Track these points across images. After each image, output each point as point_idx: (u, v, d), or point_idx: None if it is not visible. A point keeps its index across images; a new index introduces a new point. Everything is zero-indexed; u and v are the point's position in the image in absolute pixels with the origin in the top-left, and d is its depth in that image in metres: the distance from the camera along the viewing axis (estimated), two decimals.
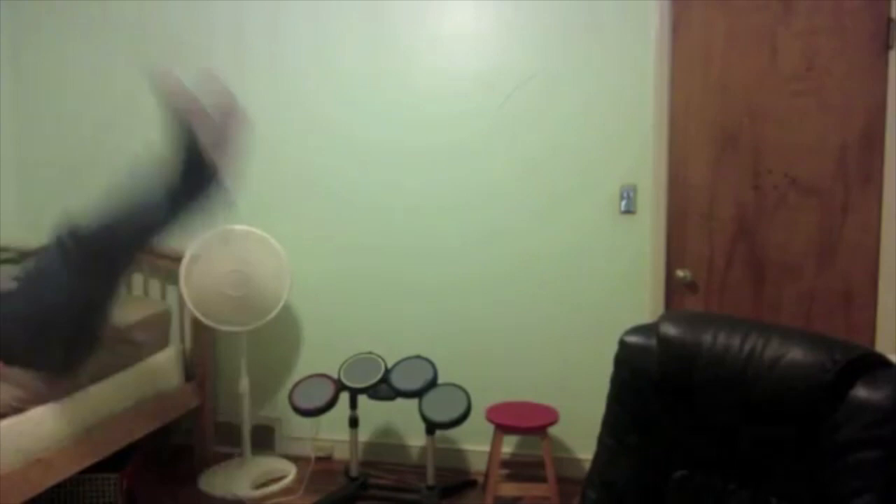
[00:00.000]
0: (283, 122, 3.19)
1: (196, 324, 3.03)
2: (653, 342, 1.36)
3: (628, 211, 2.92)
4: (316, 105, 3.17)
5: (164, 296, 3.25)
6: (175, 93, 1.35)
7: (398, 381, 2.81)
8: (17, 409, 2.19)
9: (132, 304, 2.98)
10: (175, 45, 3.21)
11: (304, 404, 2.77)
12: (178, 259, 2.86)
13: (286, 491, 2.98)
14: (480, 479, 3.03)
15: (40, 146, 3.46)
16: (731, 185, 2.79)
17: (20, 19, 3.40)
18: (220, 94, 1.44)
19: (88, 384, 2.47)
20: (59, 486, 2.31)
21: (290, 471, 3.11)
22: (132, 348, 2.77)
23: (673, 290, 2.88)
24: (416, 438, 3.17)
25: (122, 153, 3.34)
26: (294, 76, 3.17)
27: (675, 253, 2.87)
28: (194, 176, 1.42)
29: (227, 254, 2.84)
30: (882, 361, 1.19)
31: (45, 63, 3.41)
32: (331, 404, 2.77)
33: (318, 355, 3.22)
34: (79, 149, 3.41)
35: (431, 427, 2.74)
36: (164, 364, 2.97)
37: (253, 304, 2.87)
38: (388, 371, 2.86)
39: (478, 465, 3.12)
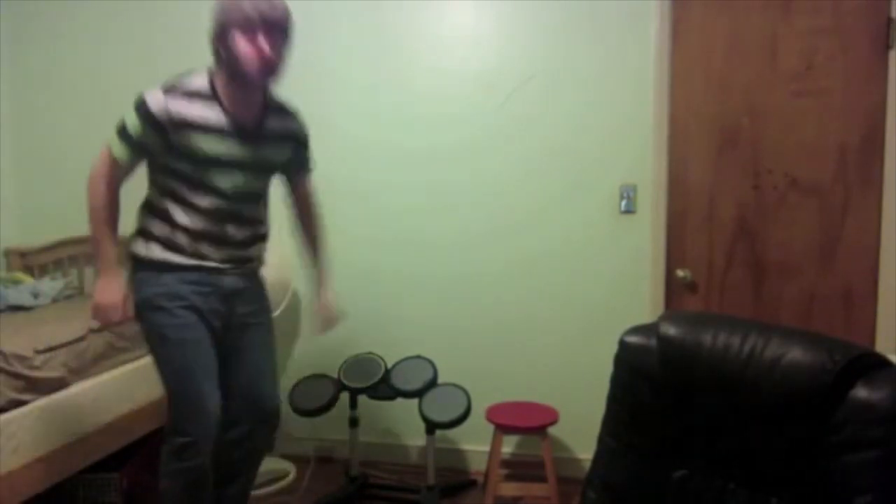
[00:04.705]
0: None
1: None
2: (653, 342, 1.36)
3: (628, 211, 2.92)
4: (314, 105, 3.15)
5: None
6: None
7: (398, 381, 2.81)
8: (18, 403, 2.17)
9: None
10: None
11: (304, 404, 2.78)
12: None
13: (286, 491, 2.98)
14: (480, 479, 3.03)
15: (40, 146, 3.46)
16: (731, 185, 2.79)
17: (20, 19, 3.40)
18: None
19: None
20: (59, 486, 2.31)
21: (290, 471, 3.11)
22: (130, 345, 2.76)
23: (673, 290, 2.88)
24: (416, 438, 3.17)
25: None
26: (292, 77, 3.16)
27: (675, 253, 2.87)
28: None
29: None
30: (882, 361, 1.18)
31: (45, 62, 3.41)
32: (331, 404, 2.77)
33: (318, 355, 3.22)
34: (79, 149, 3.41)
35: (431, 427, 2.74)
36: None
37: None
38: (388, 371, 2.86)
39: (478, 465, 3.12)
